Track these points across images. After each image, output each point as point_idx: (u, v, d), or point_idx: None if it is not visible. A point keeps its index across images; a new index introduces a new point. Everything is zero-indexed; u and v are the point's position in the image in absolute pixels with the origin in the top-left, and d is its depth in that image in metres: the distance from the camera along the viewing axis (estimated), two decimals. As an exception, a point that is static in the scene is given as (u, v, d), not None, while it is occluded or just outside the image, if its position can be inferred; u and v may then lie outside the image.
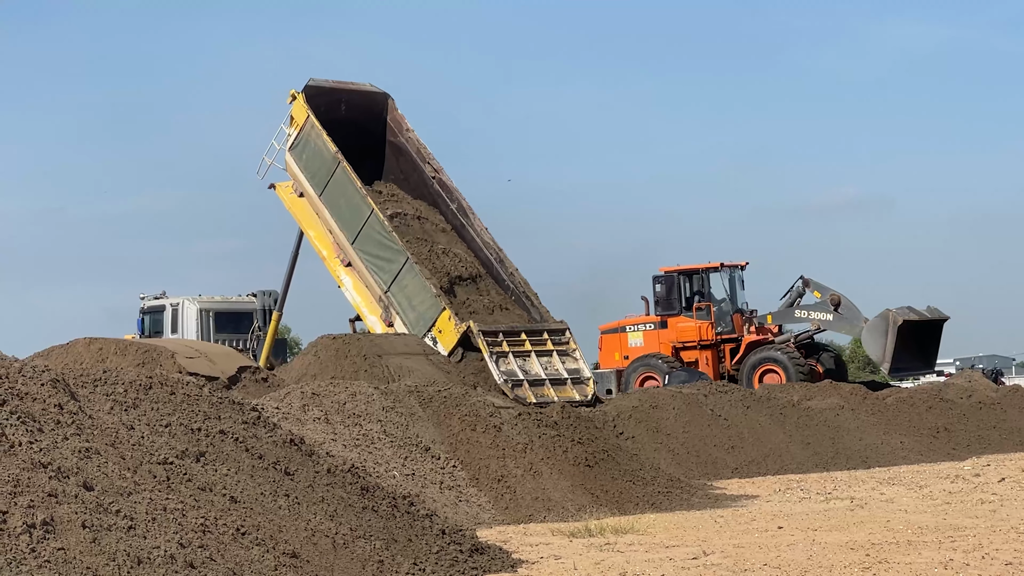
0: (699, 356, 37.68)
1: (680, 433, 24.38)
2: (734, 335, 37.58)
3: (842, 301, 36.69)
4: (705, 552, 13.61)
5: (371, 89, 32.82)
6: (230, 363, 25.27)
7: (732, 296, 38.33)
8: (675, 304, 38.20)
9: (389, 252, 29.68)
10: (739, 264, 38.52)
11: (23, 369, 10.91)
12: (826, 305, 36.92)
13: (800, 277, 37.83)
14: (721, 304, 38.04)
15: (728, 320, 37.71)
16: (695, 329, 37.72)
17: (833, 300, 36.76)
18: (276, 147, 32.01)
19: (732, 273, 38.43)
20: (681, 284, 38.28)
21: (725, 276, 38.46)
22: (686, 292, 38.35)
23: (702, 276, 38.40)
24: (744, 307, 38.23)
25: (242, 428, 12.54)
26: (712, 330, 37.62)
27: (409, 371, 25.86)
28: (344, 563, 10.79)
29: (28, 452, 9.61)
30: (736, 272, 38.43)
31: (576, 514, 17.12)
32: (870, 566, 12.37)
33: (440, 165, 31.87)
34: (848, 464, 24.72)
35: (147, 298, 38.54)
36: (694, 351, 37.80)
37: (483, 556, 12.80)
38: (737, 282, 38.47)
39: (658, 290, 38.57)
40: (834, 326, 37.29)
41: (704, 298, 38.16)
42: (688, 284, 38.43)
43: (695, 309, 37.82)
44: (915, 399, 29.16)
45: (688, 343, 37.85)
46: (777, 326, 37.82)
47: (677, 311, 38.16)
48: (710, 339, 37.67)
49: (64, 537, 8.88)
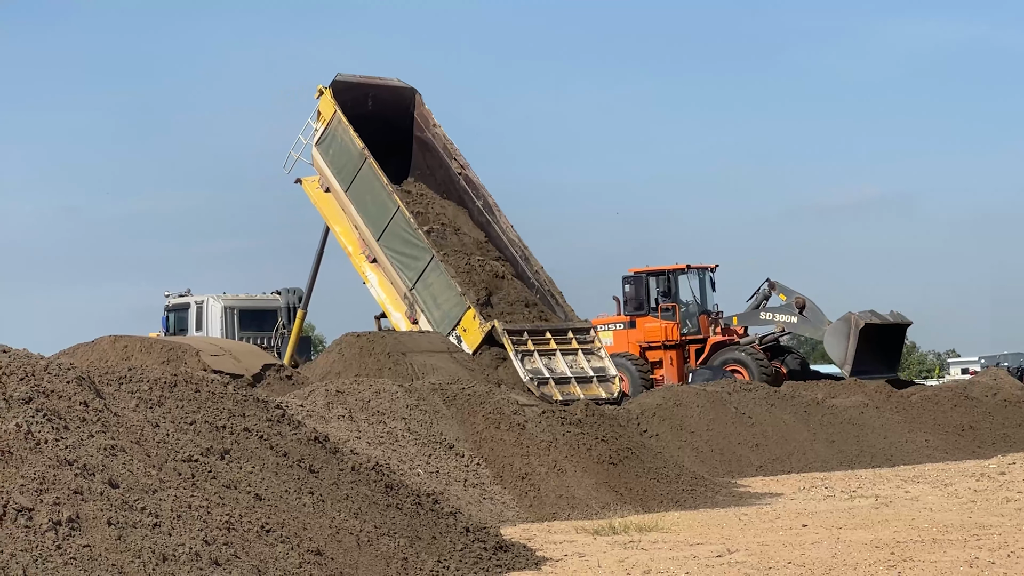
0: (664, 356, 38.20)
1: (704, 431, 24.35)
2: (700, 336, 37.94)
3: (807, 304, 37.29)
4: (729, 550, 13.60)
5: (398, 84, 32.77)
6: (254, 361, 25.30)
7: (702, 297, 38.75)
8: (643, 304, 38.81)
9: (415, 250, 29.69)
10: (708, 266, 39.08)
11: (49, 367, 10.95)
12: (791, 308, 37.46)
13: (766, 280, 38.42)
14: (688, 305, 38.53)
15: (695, 321, 38.22)
16: (661, 329, 38.35)
17: (798, 303, 37.37)
18: (303, 142, 32.07)
19: (701, 275, 38.94)
20: (649, 285, 38.74)
21: (694, 278, 38.96)
22: (654, 293, 38.72)
23: (669, 277, 38.90)
24: (713, 309, 38.65)
25: (267, 426, 12.57)
26: (677, 330, 38.13)
27: (433, 369, 25.87)
28: (368, 560, 10.80)
29: (54, 449, 9.64)
30: (706, 274, 38.94)
31: (600, 512, 17.11)
32: (895, 564, 12.34)
33: (466, 161, 31.86)
34: (873, 462, 24.66)
35: (172, 296, 38.62)
36: (659, 351, 38.28)
37: (507, 554, 12.81)
38: (707, 284, 38.98)
39: (627, 291, 39.30)
40: (798, 328, 37.91)
41: (671, 299, 38.51)
42: (656, 285, 38.80)
43: (661, 310, 38.15)
44: (940, 397, 29.08)
45: (654, 343, 38.41)
46: (743, 328, 38.24)
47: (645, 311, 38.72)
48: (675, 339, 38.24)
49: (90, 534, 8.91)
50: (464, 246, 30.58)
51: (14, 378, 10.39)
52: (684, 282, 38.94)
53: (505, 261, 30.78)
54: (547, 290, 30.50)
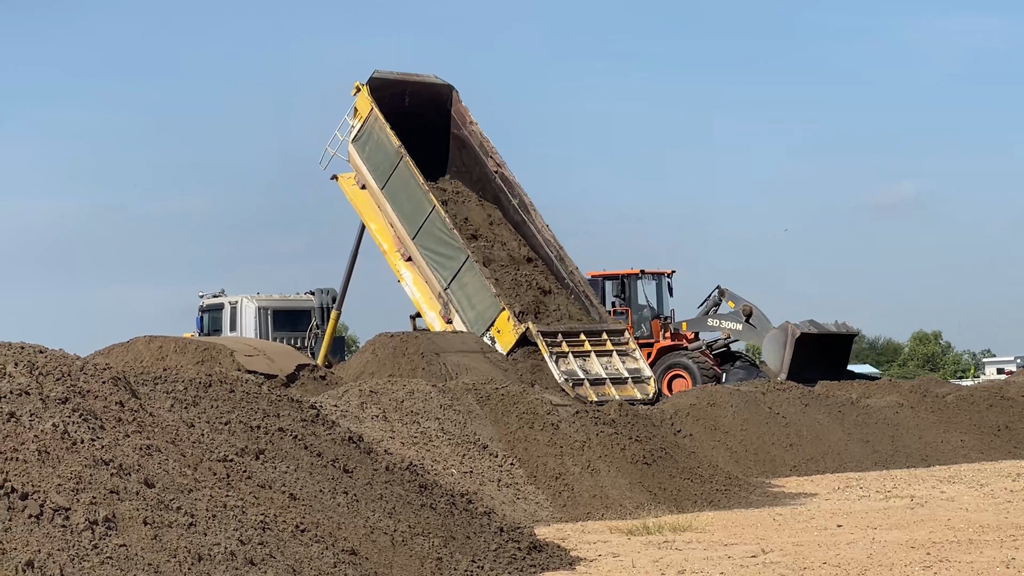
0: None
1: (738, 431, 24.30)
2: (651, 340, 38.00)
3: (754, 312, 37.57)
4: (764, 550, 13.57)
5: (435, 81, 32.73)
6: (288, 361, 25.34)
7: (658, 303, 38.94)
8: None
9: (450, 249, 29.69)
10: (665, 272, 39.20)
11: (85, 367, 11.00)
12: (738, 315, 37.74)
13: (717, 287, 38.64)
14: (642, 310, 38.55)
15: (647, 325, 38.26)
16: None
17: (745, 311, 37.66)
18: (339, 138, 32.11)
19: (658, 280, 39.11)
20: (605, 289, 38.86)
21: (651, 282, 39.10)
22: (610, 296, 38.85)
23: (623, 281, 38.89)
24: (668, 314, 38.77)
25: (301, 426, 12.60)
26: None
27: (467, 369, 25.88)
28: (402, 560, 10.82)
29: (90, 449, 9.68)
30: (663, 279, 39.12)
31: (634, 512, 17.10)
32: (931, 565, 12.29)
33: (503, 160, 31.80)
34: (908, 462, 24.57)
35: (206, 296, 38.74)
36: None
37: (541, 554, 12.81)
38: (664, 289, 39.15)
39: None
40: (743, 336, 38.30)
41: (625, 303, 38.56)
42: (611, 289, 38.96)
43: (614, 313, 38.28)
44: (975, 397, 28.94)
45: None
46: (693, 333, 38.40)
47: None
48: None
49: (126, 533, 8.94)
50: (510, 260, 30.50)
51: (51, 378, 10.43)
52: (640, 287, 39.16)
53: (540, 262, 30.74)
54: (581, 291, 30.47)
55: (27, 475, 9.02)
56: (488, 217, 31.40)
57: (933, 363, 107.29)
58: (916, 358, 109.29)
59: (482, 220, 31.22)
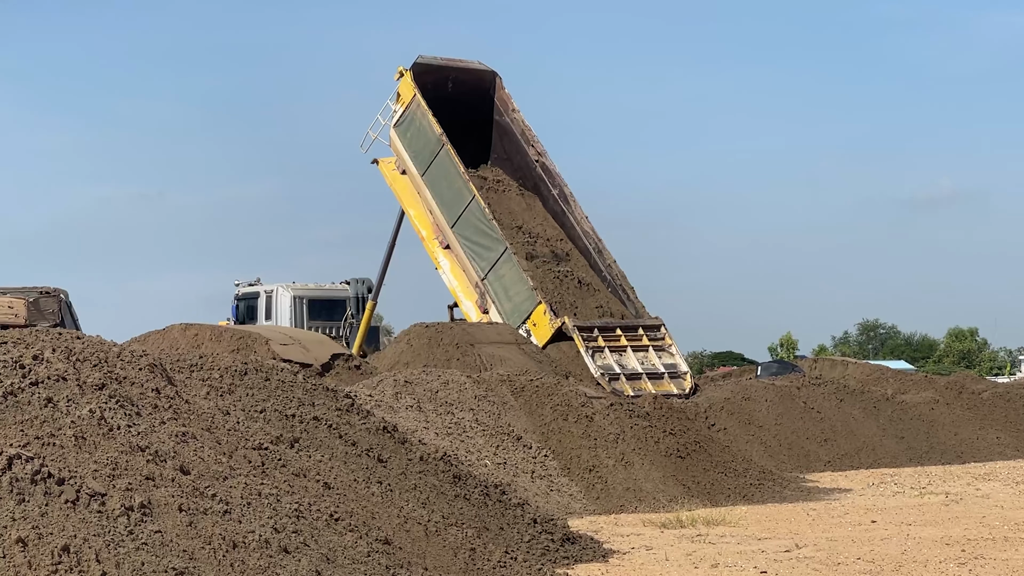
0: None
1: (772, 425, 24.26)
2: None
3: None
4: (798, 545, 13.54)
5: (479, 67, 32.62)
6: (323, 350, 25.41)
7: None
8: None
9: (488, 240, 29.63)
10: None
11: (122, 354, 11.04)
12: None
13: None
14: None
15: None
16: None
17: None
18: (381, 122, 32.08)
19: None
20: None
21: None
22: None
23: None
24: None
25: (336, 415, 12.62)
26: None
27: (501, 360, 25.88)
28: (436, 550, 10.83)
29: (126, 436, 9.71)
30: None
31: (667, 505, 17.09)
32: (966, 562, 12.25)
33: (544, 148, 31.67)
34: (943, 459, 24.50)
35: (242, 285, 38.84)
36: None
37: (574, 546, 12.81)
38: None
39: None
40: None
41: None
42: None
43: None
44: (1011, 394, 28.84)
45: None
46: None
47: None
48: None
49: (161, 520, 8.97)
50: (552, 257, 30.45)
51: (88, 364, 10.47)
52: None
53: (578, 254, 30.65)
54: (619, 284, 30.36)
55: (64, 460, 9.06)
56: (528, 207, 31.33)
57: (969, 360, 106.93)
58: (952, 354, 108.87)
59: (522, 210, 31.16)
